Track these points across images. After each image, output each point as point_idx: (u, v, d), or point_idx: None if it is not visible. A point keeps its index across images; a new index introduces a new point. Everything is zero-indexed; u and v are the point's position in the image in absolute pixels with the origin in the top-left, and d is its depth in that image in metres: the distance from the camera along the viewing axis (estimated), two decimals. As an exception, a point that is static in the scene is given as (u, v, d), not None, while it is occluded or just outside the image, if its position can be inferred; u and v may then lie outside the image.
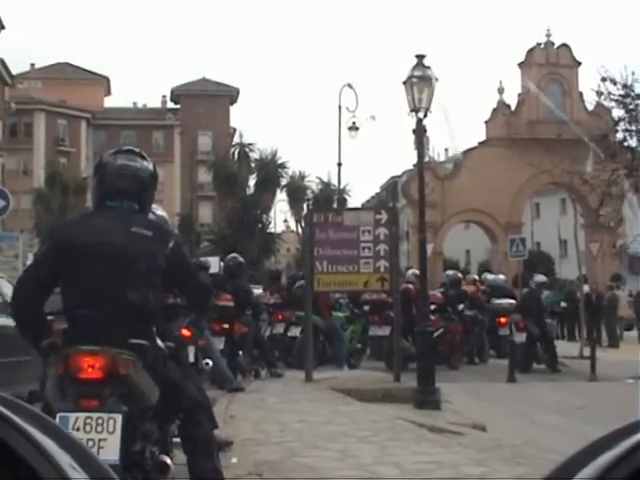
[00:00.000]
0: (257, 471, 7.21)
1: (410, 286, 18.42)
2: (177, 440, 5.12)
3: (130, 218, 4.82)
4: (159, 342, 4.77)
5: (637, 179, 21.13)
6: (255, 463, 7.54)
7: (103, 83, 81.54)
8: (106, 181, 4.95)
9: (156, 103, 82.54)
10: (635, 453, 1.11)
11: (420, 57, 15.15)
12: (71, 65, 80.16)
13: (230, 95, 77.58)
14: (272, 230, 60.90)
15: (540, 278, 22.04)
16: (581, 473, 1.15)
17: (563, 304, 31.08)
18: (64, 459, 1.19)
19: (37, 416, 1.27)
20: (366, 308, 19.70)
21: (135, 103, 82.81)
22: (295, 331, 18.11)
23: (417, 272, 18.15)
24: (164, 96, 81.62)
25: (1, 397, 1.27)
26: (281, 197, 62.66)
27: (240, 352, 15.19)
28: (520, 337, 20.30)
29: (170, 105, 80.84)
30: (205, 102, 73.46)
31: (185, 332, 8.42)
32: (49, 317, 4.94)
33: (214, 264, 13.19)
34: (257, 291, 18.84)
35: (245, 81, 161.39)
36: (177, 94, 77.98)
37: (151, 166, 5.06)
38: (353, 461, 7.73)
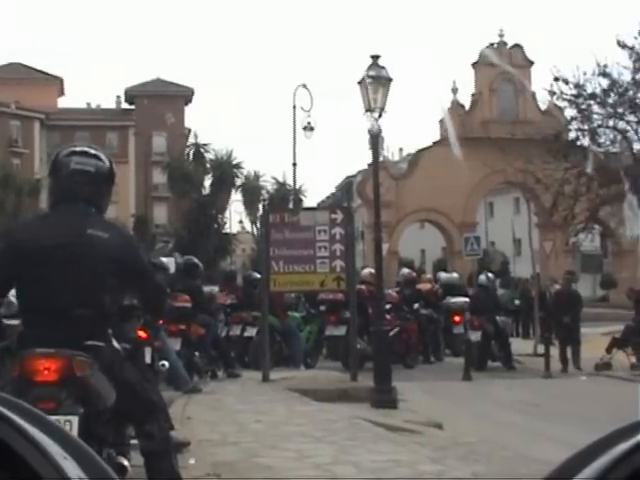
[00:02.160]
0: (215, 472, 7.20)
1: (363, 287, 18.43)
2: (134, 442, 5.09)
3: (86, 220, 4.78)
4: (115, 344, 4.75)
5: (589, 178, 21.32)
6: (213, 464, 7.53)
7: (56, 84, 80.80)
8: (61, 183, 4.91)
9: (110, 104, 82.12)
10: (635, 454, 1.12)
11: (375, 57, 15.19)
12: (24, 66, 79.32)
13: (185, 95, 77.28)
14: (227, 230, 60.86)
15: (482, 278, 22.16)
16: (581, 474, 1.15)
17: (517, 302, 31.30)
18: (64, 459, 1.19)
19: (37, 416, 1.26)
20: (322, 308, 19.70)
21: (89, 104, 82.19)
22: (251, 331, 18.07)
23: (373, 271, 18.20)
24: (118, 97, 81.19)
25: (1, 397, 1.27)
26: (236, 197, 62.66)
27: (197, 353, 15.14)
28: (475, 335, 20.41)
29: (124, 106, 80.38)
30: (160, 102, 73.10)
31: (141, 333, 8.37)
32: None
33: (169, 265, 13.15)
34: (210, 288, 18.74)
35: (200, 81, 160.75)
36: (131, 95, 77.54)
37: (107, 165, 5.00)
38: (311, 461, 7.73)
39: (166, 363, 9.33)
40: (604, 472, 1.13)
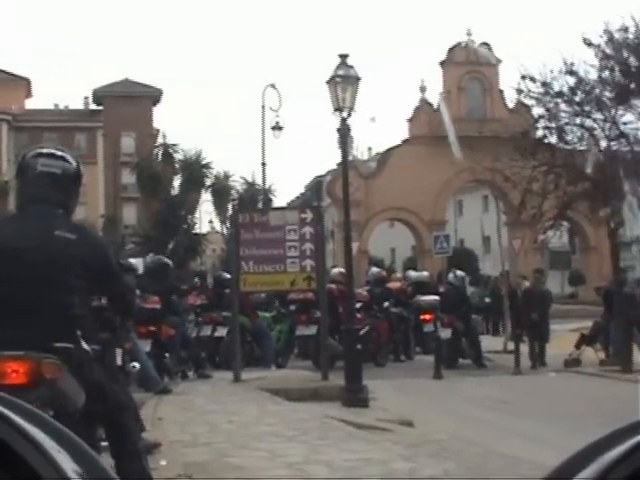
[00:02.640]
0: (186, 472, 7.18)
1: (333, 286, 18.43)
2: (104, 444, 5.07)
3: (54, 222, 4.76)
4: (85, 345, 4.72)
5: (557, 175, 21.41)
6: (184, 465, 7.50)
7: (24, 85, 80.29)
8: (28, 185, 4.89)
9: (78, 105, 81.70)
10: (635, 454, 1.12)
11: (343, 57, 15.20)
12: (-10, 67, 78.78)
13: (153, 96, 76.98)
14: (197, 231, 60.69)
15: (450, 276, 22.23)
16: (581, 473, 1.15)
17: (487, 300, 31.43)
18: (64, 459, 1.18)
19: (37, 416, 1.25)
20: (293, 308, 19.68)
21: (57, 105, 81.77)
22: (222, 332, 18.04)
23: (343, 271, 18.20)
24: (86, 98, 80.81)
25: (1, 397, 1.26)
26: (206, 197, 62.51)
27: (167, 354, 15.10)
28: (445, 333, 20.46)
29: (93, 107, 79.99)
30: (128, 103, 72.77)
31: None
32: None
33: (138, 266, 13.10)
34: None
35: (168, 82, 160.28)
36: (99, 95, 77.13)
37: (74, 166, 4.98)
38: (282, 460, 7.73)
39: (137, 364, 9.31)
40: (604, 472, 1.12)
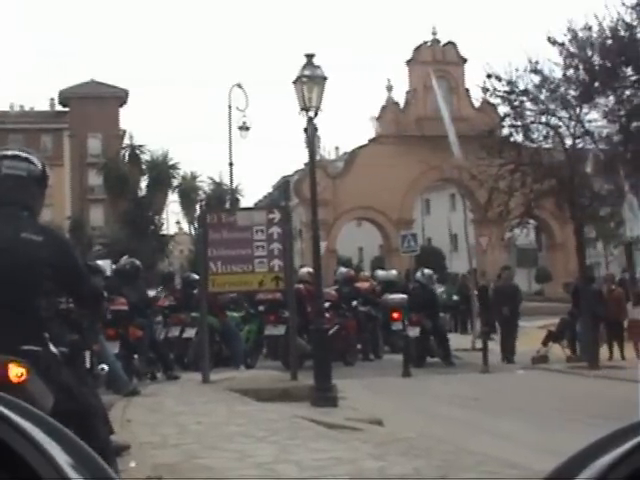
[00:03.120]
0: (156, 474, 7.15)
1: (301, 286, 18.44)
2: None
3: (20, 224, 4.73)
4: (52, 348, 4.69)
5: (523, 173, 21.48)
6: (153, 466, 7.48)
7: (-12, 87, 79.77)
8: (-8, 188, 4.85)
9: (44, 106, 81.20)
10: (635, 454, 1.12)
11: (309, 56, 15.21)
12: (-46, 69, 78.25)
13: (119, 97, 76.65)
14: (165, 232, 60.52)
15: (418, 275, 22.30)
16: (582, 474, 1.15)
17: (455, 297, 31.55)
18: (64, 459, 1.18)
19: (37, 416, 1.25)
20: (261, 308, 19.66)
21: (22, 106, 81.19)
22: (190, 333, 17.98)
23: (311, 270, 18.21)
24: (52, 99, 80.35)
25: (1, 397, 1.26)
26: (173, 198, 62.34)
27: (135, 355, 15.05)
28: (413, 331, 20.51)
29: (58, 108, 79.54)
30: (94, 104, 72.39)
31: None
32: None
33: (106, 268, 13.05)
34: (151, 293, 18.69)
35: (134, 82, 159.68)
36: (65, 97, 76.72)
37: (39, 168, 4.95)
38: (252, 461, 7.72)
39: (105, 367, 9.26)
40: (604, 472, 1.12)
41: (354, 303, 21.66)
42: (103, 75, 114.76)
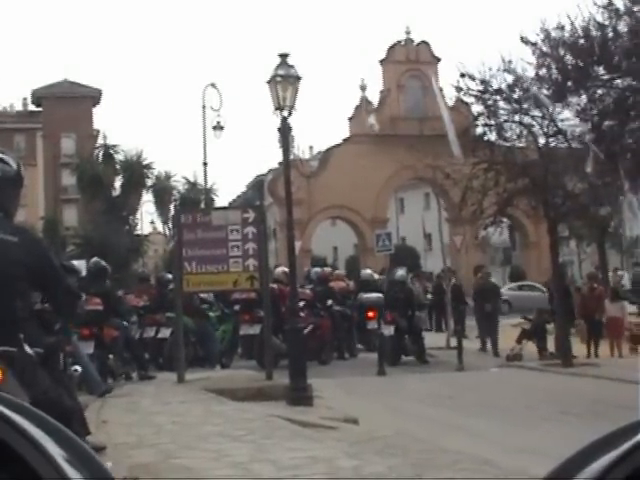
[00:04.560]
0: (132, 475, 7.15)
1: (275, 285, 18.43)
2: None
3: (-6, 224, 4.71)
4: (28, 349, 4.68)
5: (497, 172, 21.54)
6: (130, 467, 7.47)
7: (-40, 86, 79.30)
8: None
9: (17, 106, 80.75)
10: (634, 454, 1.12)
11: (283, 56, 15.22)
12: None
13: (93, 96, 76.30)
14: (139, 232, 60.30)
15: (399, 273, 22.35)
16: (581, 474, 1.16)
17: (429, 296, 31.61)
18: (64, 459, 1.18)
19: (37, 416, 1.26)
20: (236, 307, 19.67)
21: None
22: (165, 333, 17.96)
23: (286, 270, 18.22)
24: (25, 98, 79.93)
25: (2, 397, 1.26)
26: (147, 198, 62.09)
27: (110, 356, 15.02)
28: (388, 330, 20.55)
29: (32, 108, 79.11)
30: (67, 104, 72.04)
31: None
32: None
33: (81, 268, 13.02)
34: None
35: (108, 82, 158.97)
36: (38, 96, 76.31)
37: (14, 168, 4.92)
38: (229, 460, 7.73)
39: (78, 368, 9.24)
40: (604, 472, 1.13)
41: (329, 302, 21.69)
42: (76, 75, 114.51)
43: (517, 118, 22.09)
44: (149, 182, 60.69)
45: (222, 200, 61.09)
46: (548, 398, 15.12)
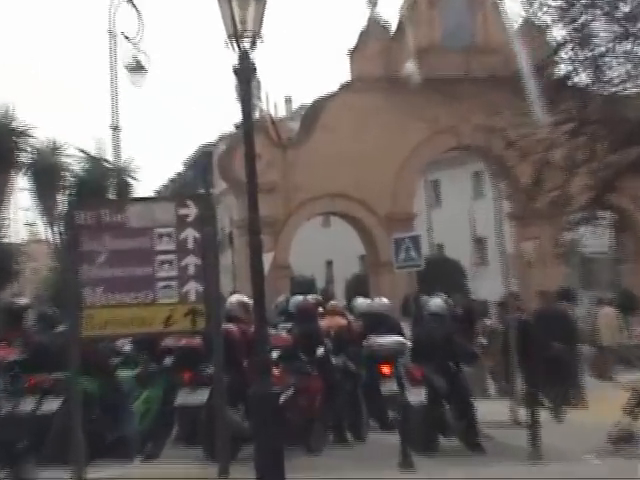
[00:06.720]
0: None
1: (231, 326, 18.37)
2: None
3: None
4: None
5: (592, 135, 21.47)
6: None
7: None
8: None
9: None
10: None
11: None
12: None
13: None
14: (9, 239, 60.35)
15: (437, 302, 22.30)
16: None
17: (484, 340, 31.61)
18: None
19: None
20: (169, 361, 19.60)
21: None
22: (52, 405, 17.90)
23: (247, 300, 18.19)
24: None
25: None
26: (22, 184, 62.14)
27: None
28: (416, 395, 20.44)
29: None
30: None
31: None
32: None
33: None
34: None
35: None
36: None
37: None
38: None
39: None
40: None
41: (319, 351, 21.58)
42: None
43: (624, 48, 22.09)
44: (24, 158, 60.75)
45: (146, 186, 61.26)
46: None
